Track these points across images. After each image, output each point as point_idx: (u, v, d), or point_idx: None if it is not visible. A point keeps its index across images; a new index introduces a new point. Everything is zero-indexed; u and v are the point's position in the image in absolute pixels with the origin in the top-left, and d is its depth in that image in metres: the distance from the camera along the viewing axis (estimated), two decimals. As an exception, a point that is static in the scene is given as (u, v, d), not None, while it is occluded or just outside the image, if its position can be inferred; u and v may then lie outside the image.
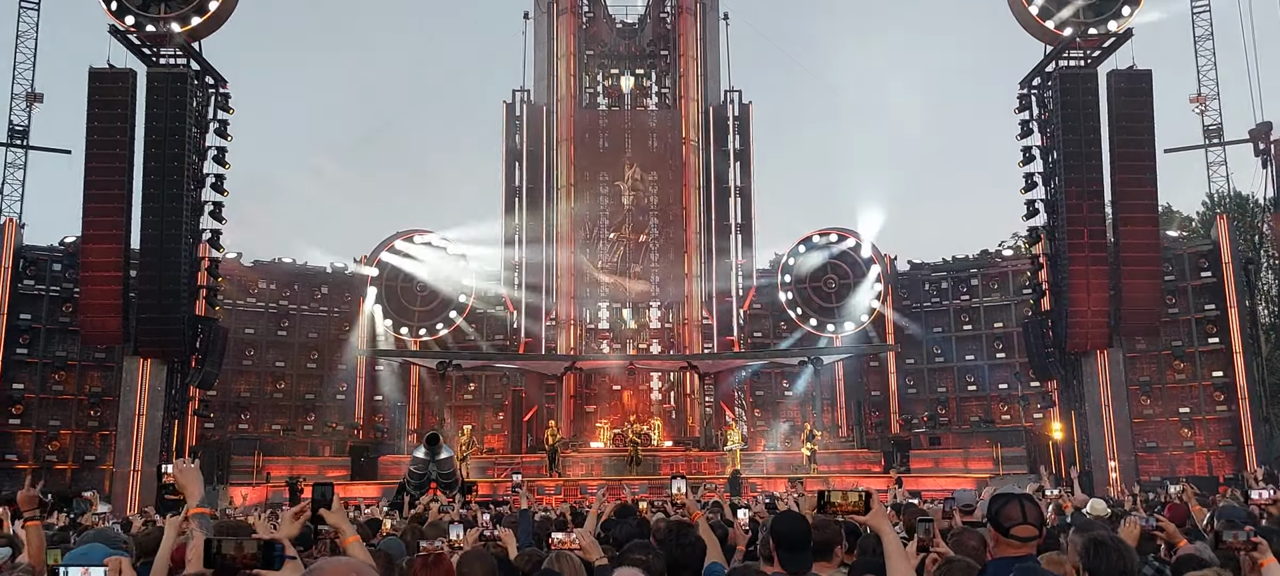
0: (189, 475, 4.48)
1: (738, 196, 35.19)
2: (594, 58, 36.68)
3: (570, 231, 34.54)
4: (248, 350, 33.70)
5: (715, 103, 35.86)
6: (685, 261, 34.47)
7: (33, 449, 29.11)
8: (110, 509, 22.88)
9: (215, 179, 28.02)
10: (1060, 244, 27.84)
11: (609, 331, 35.40)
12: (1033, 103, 29.30)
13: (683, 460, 30.53)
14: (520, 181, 34.95)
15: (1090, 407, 27.90)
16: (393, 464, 29.38)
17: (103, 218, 26.07)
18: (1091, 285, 27.15)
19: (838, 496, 3.85)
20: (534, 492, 25.83)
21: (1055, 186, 28.23)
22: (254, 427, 33.14)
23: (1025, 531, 4.24)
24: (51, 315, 29.84)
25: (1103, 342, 27.64)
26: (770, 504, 10.92)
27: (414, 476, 21.79)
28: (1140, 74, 27.46)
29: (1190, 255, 31.40)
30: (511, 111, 35.40)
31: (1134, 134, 27.09)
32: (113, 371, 28.99)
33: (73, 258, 28.92)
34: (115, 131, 26.25)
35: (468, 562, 4.69)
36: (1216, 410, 30.27)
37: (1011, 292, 34.29)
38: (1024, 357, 31.38)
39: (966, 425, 34.12)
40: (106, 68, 26.67)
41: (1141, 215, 27.42)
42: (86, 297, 26.63)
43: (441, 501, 16.45)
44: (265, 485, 27.48)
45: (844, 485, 25.91)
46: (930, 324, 35.41)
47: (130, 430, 26.40)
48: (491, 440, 34.65)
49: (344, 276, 35.69)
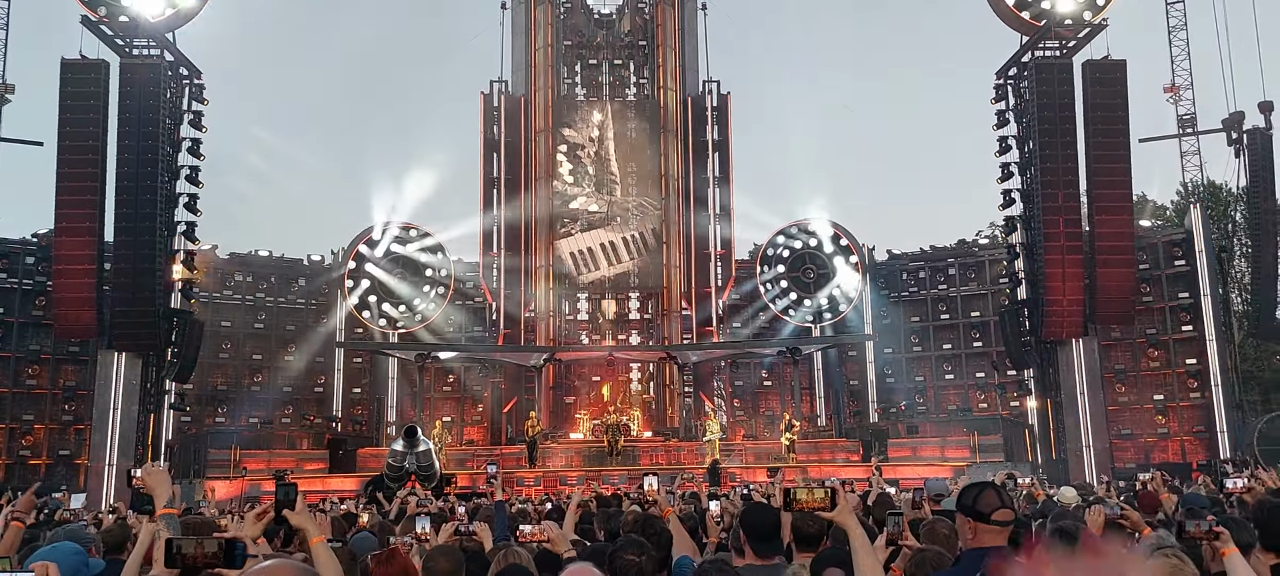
0: (156, 477, 4.46)
1: (716, 186, 35.19)
2: (572, 48, 36.54)
3: (549, 222, 34.46)
4: (225, 343, 33.47)
5: (693, 93, 35.84)
6: (663, 251, 34.46)
7: (5, 444, 28.86)
8: (85, 503, 22.68)
9: (190, 171, 27.81)
10: (1036, 233, 28.05)
11: (588, 322, 35.38)
12: (1009, 93, 29.48)
13: (662, 451, 30.56)
14: (498, 172, 34.81)
15: (1066, 395, 28.15)
16: (372, 456, 29.26)
17: (76, 210, 25.80)
18: (1067, 274, 27.38)
19: (804, 493, 3.86)
20: (513, 484, 25.83)
21: (1031, 176, 28.44)
22: (231, 421, 32.91)
23: (1005, 515, 4.29)
24: (24, 309, 29.55)
25: (1078, 331, 27.88)
26: (746, 496, 10.97)
27: (392, 469, 21.70)
28: (1115, 64, 27.68)
29: (1164, 244, 31.70)
30: (489, 102, 35.24)
31: (1109, 124, 27.33)
32: (87, 365, 28.76)
33: (45, 250, 28.63)
34: (88, 123, 25.98)
35: (434, 558, 4.67)
36: (1190, 397, 30.60)
37: (988, 282, 34.51)
38: (1001, 346, 31.60)
39: (944, 414, 34.34)
40: (79, 59, 26.38)
41: (1116, 204, 27.67)
42: (60, 291, 26.36)
43: (419, 494, 16.44)
44: (242, 479, 27.32)
45: (822, 474, 26.03)
46: (908, 313, 35.60)
47: (105, 424, 26.16)
48: (471, 432, 34.60)
49: (321, 268, 35.52)
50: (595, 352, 33.83)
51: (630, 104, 35.93)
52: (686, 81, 35.92)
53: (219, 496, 25.48)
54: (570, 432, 32.84)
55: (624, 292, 35.29)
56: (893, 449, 29.90)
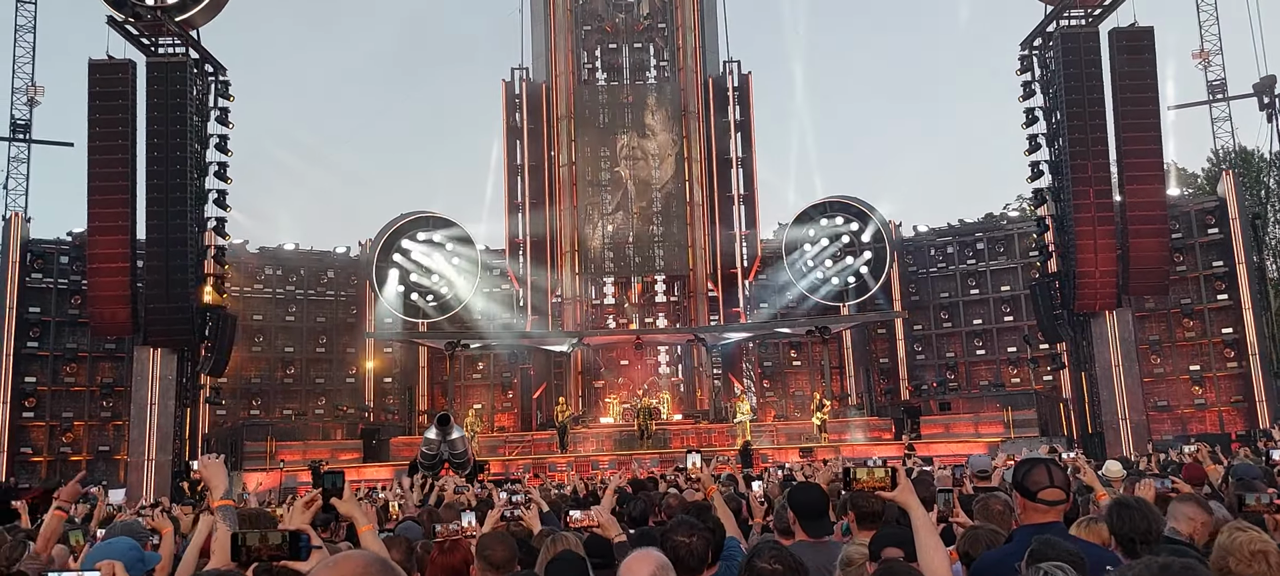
0: (213, 469, 4.50)
1: (740, 167, 35.07)
2: (592, 32, 36.46)
3: (573, 207, 34.48)
4: (257, 336, 33.77)
5: (714, 74, 35.67)
6: (688, 234, 34.40)
7: (47, 441, 29.31)
8: (125, 498, 23.03)
9: (218, 166, 28.03)
10: (1066, 205, 27.76)
11: (614, 306, 35.40)
12: (1034, 63, 29.14)
13: (693, 433, 30.58)
14: (522, 159, 34.86)
15: (1100, 368, 27.87)
16: (405, 445, 29.48)
17: (108, 209, 26.12)
18: (1099, 245, 27.09)
19: (864, 473, 3.83)
20: (545, 470, 25.96)
21: (1059, 147, 28.12)
22: (265, 413, 33.26)
23: (1053, 495, 4.23)
24: (60, 308, 29.95)
25: (1111, 303, 27.60)
26: (788, 477, 10.93)
27: (426, 457, 21.86)
28: (1142, 31, 27.28)
29: (1196, 212, 31.28)
30: (511, 89, 35.26)
31: (1137, 92, 26.96)
32: (123, 362, 29.12)
33: (79, 250, 29.00)
34: (117, 122, 26.28)
35: (489, 544, 4.69)
36: (1227, 367, 30.22)
37: (1018, 255, 34.20)
38: (1032, 320, 31.33)
39: (976, 389, 34.11)
40: (106, 59, 26.64)
41: (1147, 173, 27.34)
42: (94, 289, 26.71)
43: (457, 481, 16.53)
44: (279, 470, 27.61)
45: (855, 453, 25.97)
46: (937, 289, 35.36)
47: (143, 420, 26.54)
48: (502, 418, 34.75)
49: (350, 260, 35.71)
50: (623, 336, 33.86)
51: (651, 86, 35.82)
52: (707, 62, 35.76)
53: (257, 488, 25.86)
54: (600, 417, 32.92)
55: (650, 276, 35.27)
56: (925, 426, 29.76)
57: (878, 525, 4.80)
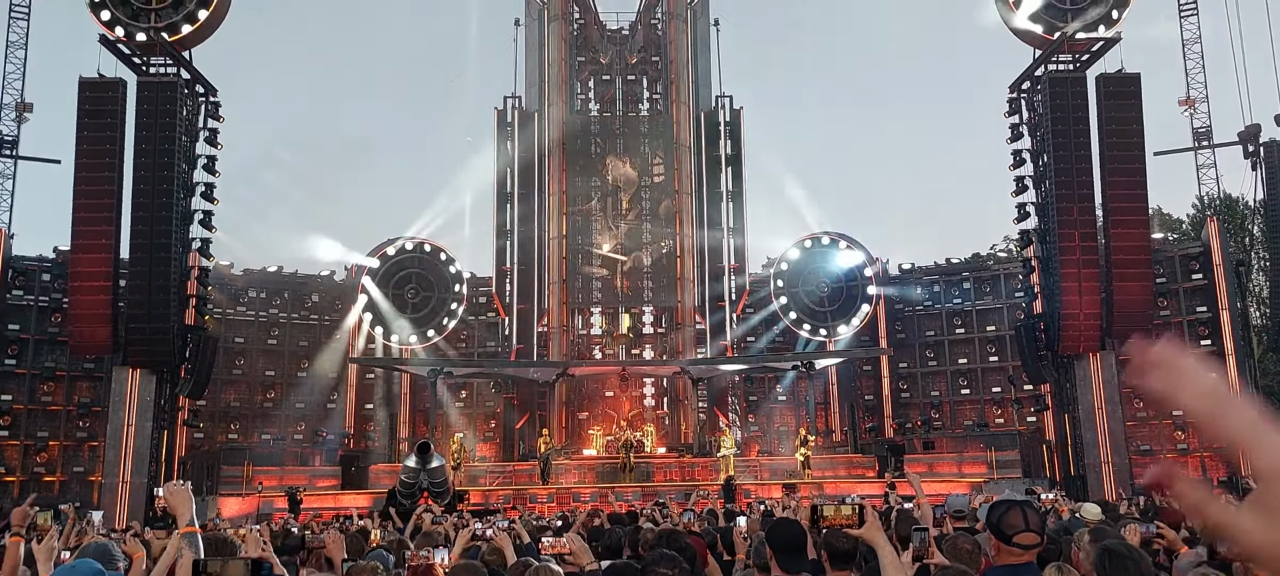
0: (179, 496, 4.43)
1: (730, 201, 35.16)
2: (585, 64, 36.65)
3: (562, 237, 34.48)
4: (238, 359, 33.54)
5: (707, 108, 35.85)
6: (677, 266, 34.42)
7: (21, 460, 28.94)
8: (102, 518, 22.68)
9: (205, 187, 27.92)
10: (1051, 247, 27.90)
11: (601, 337, 35.32)
12: (1022, 106, 29.37)
13: (676, 467, 30.44)
14: (512, 188, 34.87)
15: (1083, 411, 27.91)
16: (384, 473, 29.25)
17: (92, 227, 25.97)
18: (1083, 288, 27.21)
19: (831, 510, 3.79)
20: (526, 501, 25.76)
21: (1046, 190, 28.30)
22: (244, 437, 32.97)
23: (1027, 538, 4.19)
24: (40, 325, 29.68)
25: (1095, 345, 27.68)
26: (767, 513, 10.88)
27: (405, 486, 21.63)
28: (1129, 77, 27.58)
29: (1181, 257, 31.48)
30: (503, 118, 35.34)
31: (1124, 137, 27.22)
32: (102, 382, 28.81)
33: (62, 267, 28.77)
34: (105, 140, 26.19)
35: (459, 573, 4.62)
36: (1210, 412, 30.21)
37: (1004, 295, 34.33)
38: (1017, 360, 31.38)
39: (960, 429, 34.10)
40: (96, 77, 26.59)
41: (1132, 218, 27.53)
42: (75, 307, 26.50)
43: (435, 512, 16.37)
44: (256, 495, 27.33)
45: (838, 490, 25.88)
46: (923, 327, 35.44)
47: (119, 441, 26.20)
48: (484, 448, 34.53)
49: (335, 284, 35.57)
50: (608, 367, 33.76)
51: (643, 119, 35.97)
52: (699, 97, 35.95)
53: (232, 513, 25.55)
54: (583, 449, 32.74)
55: (637, 307, 35.23)
56: (909, 464, 29.66)
57: (849, 566, 4.75)
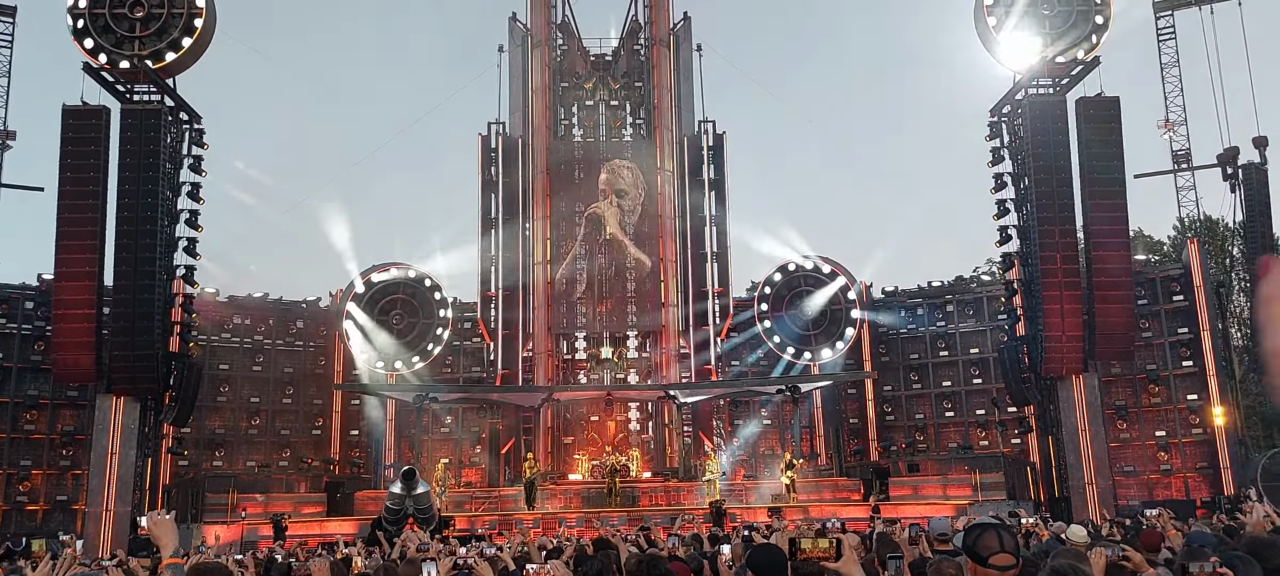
0: (163, 526, 4.44)
1: (713, 225, 35.24)
2: (568, 89, 36.80)
3: (546, 262, 34.52)
4: (222, 386, 33.37)
5: (690, 133, 35.99)
6: (661, 291, 34.48)
7: (3, 490, 28.65)
8: (82, 546, 22.53)
9: (189, 215, 27.83)
10: (1033, 270, 28.06)
11: (586, 362, 35.31)
12: (1003, 130, 29.59)
13: (662, 491, 30.41)
14: (496, 213, 34.87)
15: (1067, 432, 27.99)
16: (370, 499, 29.12)
17: (76, 255, 25.81)
18: (1065, 310, 27.35)
19: (808, 542, 3.82)
20: (511, 526, 25.66)
21: (1027, 213, 28.49)
22: (229, 464, 32.78)
23: (1003, 560, 4.24)
24: (23, 354, 29.49)
25: (1078, 367, 27.81)
26: (747, 537, 10.90)
27: (390, 512, 21.58)
28: (1108, 101, 27.84)
29: (1162, 279, 31.72)
30: (487, 144, 35.38)
31: (1104, 160, 27.45)
32: (85, 410, 28.60)
33: (45, 295, 28.62)
34: (89, 168, 26.07)
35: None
36: (1192, 433, 30.48)
37: (987, 318, 34.50)
38: (1001, 383, 31.50)
39: (945, 451, 34.19)
40: (80, 105, 26.52)
41: (1113, 240, 27.73)
42: (59, 335, 26.31)
43: (420, 537, 16.31)
44: (241, 522, 27.13)
45: (823, 514, 25.88)
46: (907, 350, 35.57)
47: (103, 469, 25.94)
48: (469, 473, 34.40)
49: (319, 310, 35.47)
50: (593, 392, 33.73)
51: (626, 143, 36.11)
52: (682, 121, 36.10)
53: (217, 541, 25.36)
54: (569, 474, 32.67)
55: (622, 332, 35.26)
56: (894, 487, 29.74)
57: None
